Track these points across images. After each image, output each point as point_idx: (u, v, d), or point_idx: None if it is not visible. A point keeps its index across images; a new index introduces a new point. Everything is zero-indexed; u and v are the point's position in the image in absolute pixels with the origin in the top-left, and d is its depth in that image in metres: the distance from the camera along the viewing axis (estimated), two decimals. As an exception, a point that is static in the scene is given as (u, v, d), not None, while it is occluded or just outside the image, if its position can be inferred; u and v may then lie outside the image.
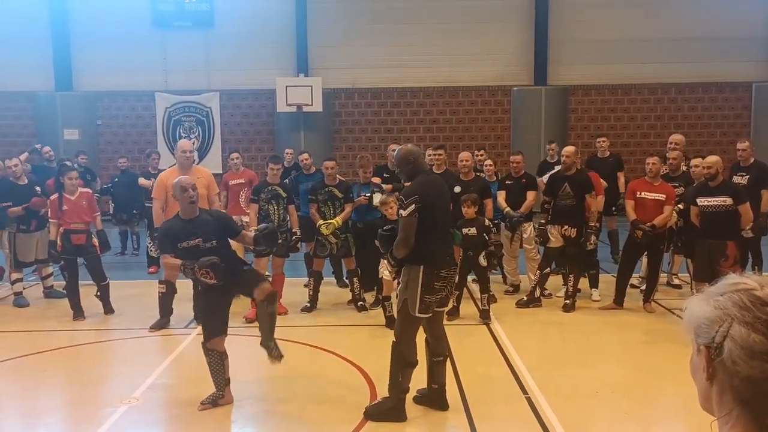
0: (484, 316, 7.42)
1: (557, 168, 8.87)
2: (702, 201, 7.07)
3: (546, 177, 8.72)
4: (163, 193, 7.04)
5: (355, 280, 7.93)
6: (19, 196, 8.27)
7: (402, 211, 4.72)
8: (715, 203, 6.96)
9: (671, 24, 16.22)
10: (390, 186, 8.25)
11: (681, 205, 7.80)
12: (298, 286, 8.71)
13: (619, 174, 10.08)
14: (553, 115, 16.09)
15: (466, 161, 8.25)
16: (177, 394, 5.53)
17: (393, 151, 8.45)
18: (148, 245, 10.41)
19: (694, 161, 8.10)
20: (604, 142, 10.44)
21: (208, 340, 5.14)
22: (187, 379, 5.92)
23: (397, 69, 16.50)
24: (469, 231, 7.28)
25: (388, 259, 5.02)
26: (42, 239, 8.18)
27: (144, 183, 10.34)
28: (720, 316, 1.17)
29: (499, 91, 16.71)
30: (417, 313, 4.77)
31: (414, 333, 4.92)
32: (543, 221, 7.98)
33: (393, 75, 16.54)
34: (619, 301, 7.87)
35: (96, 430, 4.83)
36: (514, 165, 8.63)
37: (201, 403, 5.14)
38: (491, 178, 8.93)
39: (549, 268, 8.06)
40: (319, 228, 7.75)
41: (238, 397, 5.27)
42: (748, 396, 1.14)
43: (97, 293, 7.90)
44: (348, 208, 7.87)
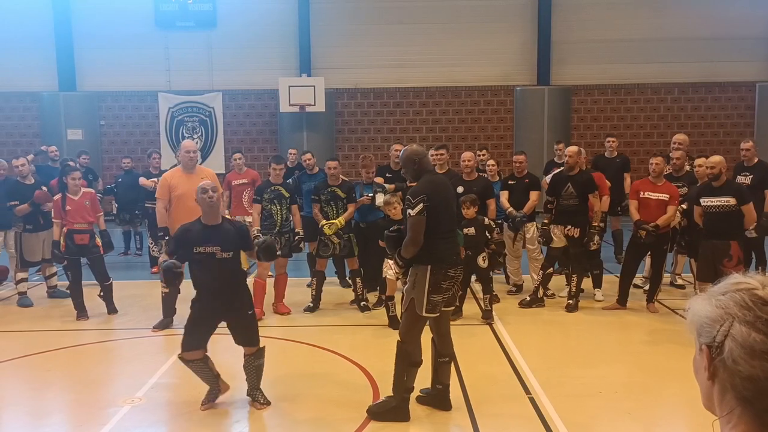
0: (487, 316, 7.42)
1: (561, 168, 8.85)
2: (705, 201, 7.06)
3: (549, 177, 8.72)
4: (167, 193, 7.04)
5: (357, 280, 7.95)
6: (26, 196, 8.31)
7: (410, 211, 4.71)
8: (718, 203, 6.95)
9: (674, 24, 16.20)
10: (393, 186, 8.26)
11: (684, 205, 7.79)
12: (300, 286, 8.73)
13: (626, 175, 10.06)
14: (556, 115, 16.06)
15: (468, 161, 8.24)
16: (180, 394, 5.54)
17: (396, 151, 8.47)
18: (149, 245, 10.42)
19: (698, 161, 8.09)
20: (613, 142, 10.44)
21: (186, 351, 5.10)
22: (190, 378, 5.91)
23: (399, 69, 16.50)
24: (468, 231, 7.29)
25: (396, 260, 4.97)
26: (48, 239, 8.20)
27: (145, 183, 10.21)
28: (721, 316, 1.17)
29: (502, 90, 16.70)
30: (424, 313, 4.78)
31: (419, 333, 4.92)
32: (546, 221, 7.98)
33: (395, 75, 16.54)
34: (622, 301, 7.87)
35: (100, 429, 4.85)
36: (517, 165, 8.63)
37: (202, 403, 5.17)
38: (494, 177, 8.94)
39: (552, 268, 8.06)
40: (322, 228, 7.76)
41: (241, 397, 5.29)
42: (750, 395, 1.14)
43: (101, 293, 7.92)
44: (351, 208, 7.88)
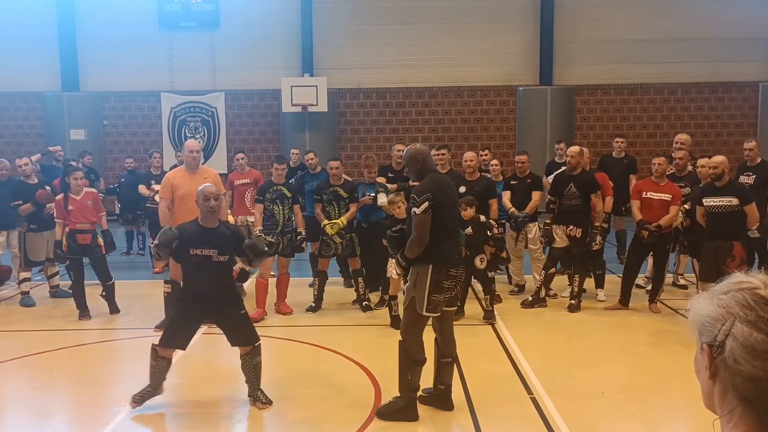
0: (488, 317, 7.41)
1: (564, 168, 8.83)
2: (708, 201, 7.04)
3: (551, 177, 8.71)
4: (170, 192, 7.04)
5: (360, 279, 7.95)
6: (30, 195, 8.32)
7: (415, 209, 4.69)
8: (721, 203, 6.93)
9: (678, 24, 16.18)
10: (395, 186, 8.25)
11: (687, 205, 7.78)
12: (303, 286, 8.73)
13: (632, 177, 10.03)
14: (559, 115, 16.04)
15: (470, 161, 8.23)
16: (182, 394, 5.55)
17: (398, 151, 8.47)
18: (150, 246, 10.43)
19: (701, 161, 8.08)
20: (622, 143, 10.43)
21: (164, 347, 5.08)
22: (192, 378, 5.94)
23: (402, 69, 16.50)
24: (466, 231, 7.27)
25: (398, 260, 4.97)
26: (52, 238, 8.21)
27: (144, 192, 10.40)
28: (723, 315, 1.17)
29: (505, 91, 16.69)
30: (425, 312, 4.77)
31: (420, 331, 4.91)
32: (548, 221, 7.97)
33: (398, 75, 16.54)
34: (624, 301, 7.86)
35: (102, 429, 4.85)
36: (519, 165, 8.62)
37: (134, 400, 5.07)
38: (498, 177, 8.93)
39: (554, 268, 8.05)
40: (324, 228, 7.76)
41: (242, 397, 5.26)
42: (751, 395, 1.13)
43: (103, 293, 7.93)
44: (353, 207, 7.87)
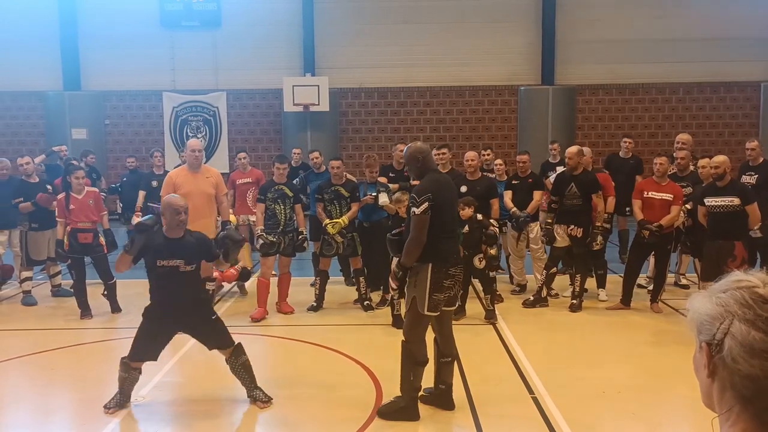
0: (490, 316, 7.41)
1: (559, 168, 8.84)
2: (710, 201, 7.04)
3: (552, 177, 8.71)
4: (172, 191, 7.05)
5: (361, 279, 7.95)
6: (31, 194, 8.34)
7: (415, 209, 4.69)
8: (722, 203, 6.92)
9: (679, 23, 16.16)
10: (396, 185, 8.25)
11: (689, 205, 7.77)
12: (304, 286, 8.73)
13: (638, 177, 10.01)
14: (561, 115, 16.04)
15: (472, 161, 8.23)
16: (184, 393, 5.56)
17: (400, 151, 8.47)
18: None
19: (702, 161, 8.07)
20: (630, 143, 10.42)
21: (133, 360, 5.02)
22: (193, 377, 5.95)
23: (403, 68, 16.49)
24: (462, 230, 7.27)
25: (394, 272, 4.87)
26: (54, 238, 8.22)
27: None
28: (721, 313, 1.17)
29: (506, 90, 16.68)
30: (426, 311, 4.77)
31: (423, 331, 4.92)
32: (549, 221, 7.96)
33: (400, 74, 16.54)
34: (626, 301, 7.85)
35: (103, 427, 4.86)
36: (521, 165, 8.63)
37: (107, 407, 5.04)
38: (502, 177, 8.92)
39: (555, 268, 8.05)
40: (325, 227, 7.76)
41: (243, 397, 5.27)
42: (749, 394, 1.13)
43: (104, 292, 7.94)
44: (354, 207, 7.88)
